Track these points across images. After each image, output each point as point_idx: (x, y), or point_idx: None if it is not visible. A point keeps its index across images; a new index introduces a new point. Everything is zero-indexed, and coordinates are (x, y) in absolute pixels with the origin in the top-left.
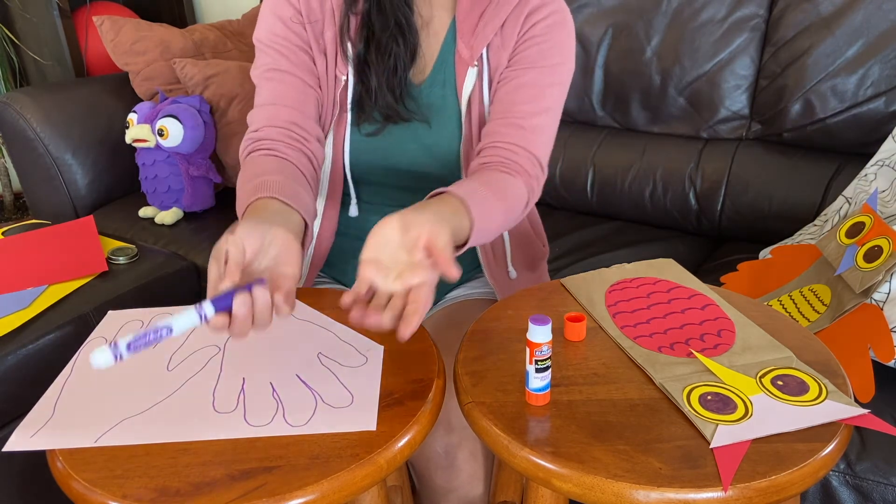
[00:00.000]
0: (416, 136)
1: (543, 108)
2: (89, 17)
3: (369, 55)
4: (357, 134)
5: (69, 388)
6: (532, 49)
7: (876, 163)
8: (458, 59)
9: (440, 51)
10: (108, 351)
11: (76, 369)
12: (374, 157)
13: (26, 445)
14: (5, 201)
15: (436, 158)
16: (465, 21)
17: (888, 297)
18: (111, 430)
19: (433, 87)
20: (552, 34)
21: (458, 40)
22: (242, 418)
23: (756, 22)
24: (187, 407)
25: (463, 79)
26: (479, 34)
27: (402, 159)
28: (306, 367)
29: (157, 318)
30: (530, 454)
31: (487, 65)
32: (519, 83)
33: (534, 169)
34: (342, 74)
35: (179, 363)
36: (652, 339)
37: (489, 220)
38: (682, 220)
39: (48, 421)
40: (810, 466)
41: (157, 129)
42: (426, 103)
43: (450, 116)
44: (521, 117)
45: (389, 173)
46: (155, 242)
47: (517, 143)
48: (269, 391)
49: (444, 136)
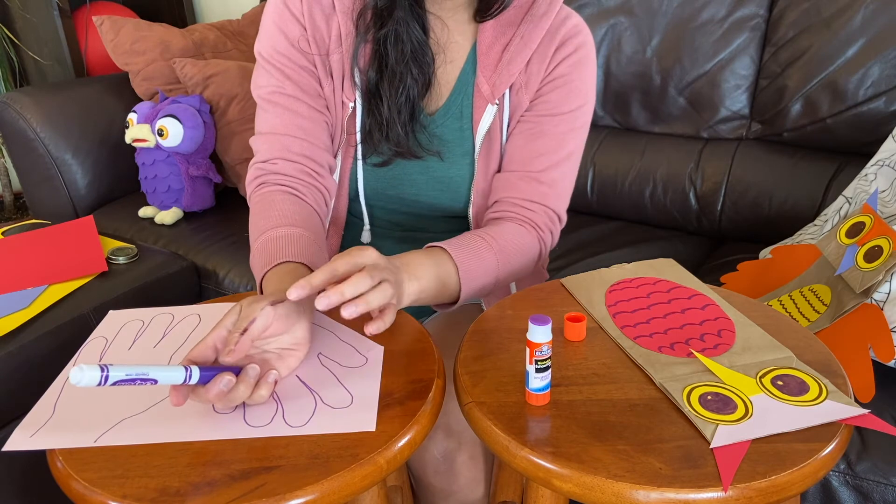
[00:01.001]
0: (426, 168)
1: (564, 156)
2: (89, 17)
3: (381, 84)
4: (364, 163)
5: (69, 388)
6: (555, 93)
7: (876, 163)
8: (477, 94)
9: (458, 80)
10: (97, 374)
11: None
12: (381, 184)
13: (26, 445)
14: (5, 201)
15: (445, 191)
16: (487, 54)
17: (888, 297)
18: (111, 430)
19: (447, 119)
20: (576, 74)
21: (478, 73)
22: (242, 419)
23: (756, 22)
24: (187, 407)
25: (481, 114)
26: (502, 72)
27: (411, 189)
28: (306, 367)
29: (157, 316)
30: (530, 454)
31: (508, 103)
32: (538, 132)
33: (550, 224)
34: (349, 101)
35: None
36: (652, 339)
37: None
38: (682, 220)
39: (48, 421)
40: (810, 466)
41: (156, 129)
42: (438, 134)
43: (464, 151)
44: (539, 171)
45: (396, 201)
46: (155, 242)
47: (534, 200)
48: None
49: (457, 170)
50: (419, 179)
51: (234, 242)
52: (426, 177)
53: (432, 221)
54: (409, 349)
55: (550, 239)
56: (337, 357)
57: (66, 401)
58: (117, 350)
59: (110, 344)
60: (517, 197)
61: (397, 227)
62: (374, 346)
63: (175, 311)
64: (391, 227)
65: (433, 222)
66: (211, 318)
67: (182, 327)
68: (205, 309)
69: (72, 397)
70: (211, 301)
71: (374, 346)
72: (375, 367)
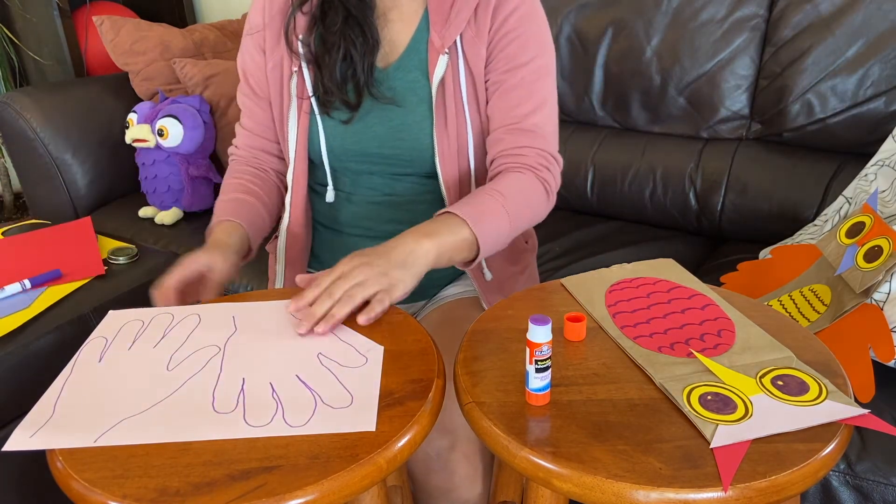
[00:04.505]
0: (385, 119)
1: (539, 103)
2: (89, 17)
3: (321, 49)
4: (328, 121)
5: (69, 388)
6: (511, 47)
7: (876, 163)
8: (431, 48)
9: (412, 38)
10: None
11: (76, 369)
12: (344, 141)
13: (26, 445)
14: (5, 201)
15: (407, 139)
16: (437, 11)
17: (888, 297)
18: (111, 429)
19: (399, 72)
20: (524, 28)
21: (430, 30)
22: (242, 418)
23: (756, 22)
24: (187, 407)
25: (434, 65)
26: (451, 23)
27: (373, 143)
28: (306, 367)
29: (157, 316)
30: (530, 454)
31: (463, 54)
32: (508, 87)
33: (544, 162)
34: (294, 67)
35: (179, 363)
36: (652, 339)
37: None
38: (682, 220)
39: (48, 421)
40: (810, 466)
41: (156, 129)
42: (392, 86)
43: (419, 99)
44: (519, 120)
45: (361, 157)
46: (155, 242)
47: (522, 146)
48: (269, 391)
49: (414, 119)
50: (380, 131)
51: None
52: (386, 127)
53: (403, 184)
54: (409, 349)
55: (551, 177)
56: (337, 357)
57: (67, 401)
58: (117, 350)
59: (110, 344)
60: (506, 149)
61: (370, 192)
62: (373, 346)
63: (175, 311)
64: (357, 190)
65: (404, 184)
66: (210, 319)
67: (182, 327)
68: (204, 309)
69: (72, 397)
70: (210, 301)
71: (374, 346)
72: (375, 367)
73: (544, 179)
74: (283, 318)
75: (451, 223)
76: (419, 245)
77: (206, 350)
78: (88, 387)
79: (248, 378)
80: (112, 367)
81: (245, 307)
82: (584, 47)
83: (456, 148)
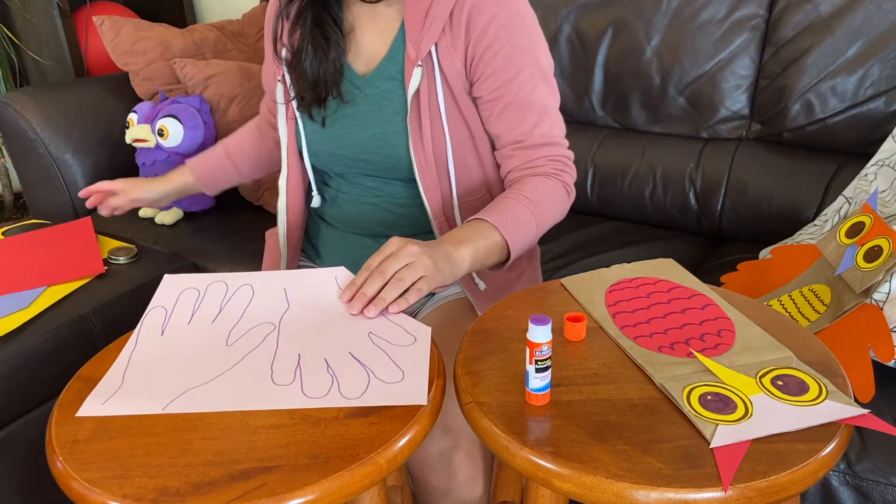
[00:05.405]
0: (364, 126)
1: (539, 114)
2: (89, 17)
3: (298, 55)
4: (310, 125)
5: (135, 359)
6: (497, 59)
7: (876, 163)
8: (407, 59)
9: (390, 47)
10: None
11: (140, 342)
12: (328, 146)
13: (100, 411)
14: (5, 201)
15: (385, 147)
16: (413, 20)
17: (888, 297)
18: (178, 398)
19: (377, 80)
20: (507, 36)
21: (406, 41)
22: (300, 390)
23: (756, 22)
24: (248, 379)
25: (410, 76)
26: (425, 34)
27: (355, 149)
28: (358, 345)
29: (212, 284)
30: (530, 454)
31: (439, 65)
32: (505, 104)
33: (560, 165)
34: (279, 73)
35: (238, 339)
36: (652, 339)
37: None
38: (682, 220)
39: (118, 390)
40: (810, 466)
41: (157, 129)
42: (369, 93)
43: (395, 109)
44: (525, 137)
45: (345, 162)
46: (155, 242)
47: (535, 158)
48: (324, 366)
49: (391, 127)
50: (360, 137)
51: (234, 243)
52: (366, 134)
53: (392, 186)
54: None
55: (568, 177)
56: (387, 336)
57: (134, 371)
58: (177, 323)
59: (170, 316)
60: (519, 165)
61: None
62: (421, 326)
63: (228, 280)
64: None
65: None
66: (262, 290)
67: (237, 301)
68: (256, 279)
69: (139, 368)
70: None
71: (422, 327)
72: (424, 346)
73: (563, 181)
74: (333, 292)
75: (482, 229)
76: (457, 250)
77: (262, 327)
78: (153, 359)
79: (303, 354)
80: (174, 340)
81: (294, 279)
82: (584, 47)
83: (433, 159)
